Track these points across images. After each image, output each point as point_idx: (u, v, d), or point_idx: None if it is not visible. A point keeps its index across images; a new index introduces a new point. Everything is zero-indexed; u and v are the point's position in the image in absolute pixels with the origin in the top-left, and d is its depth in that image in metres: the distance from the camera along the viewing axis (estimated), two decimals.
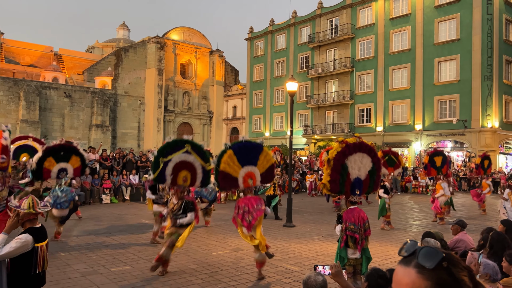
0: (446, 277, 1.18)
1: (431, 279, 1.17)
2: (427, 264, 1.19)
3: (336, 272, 2.86)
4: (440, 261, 1.19)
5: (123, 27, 60.15)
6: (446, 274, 1.18)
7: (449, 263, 1.20)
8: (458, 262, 1.22)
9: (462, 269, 1.21)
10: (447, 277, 1.18)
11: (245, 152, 6.89)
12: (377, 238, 10.04)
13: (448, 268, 1.19)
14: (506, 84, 28.90)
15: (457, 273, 1.19)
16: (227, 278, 6.96)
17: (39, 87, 38.39)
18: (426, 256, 1.20)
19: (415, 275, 1.19)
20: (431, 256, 1.20)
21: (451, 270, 1.19)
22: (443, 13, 29.53)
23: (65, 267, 7.32)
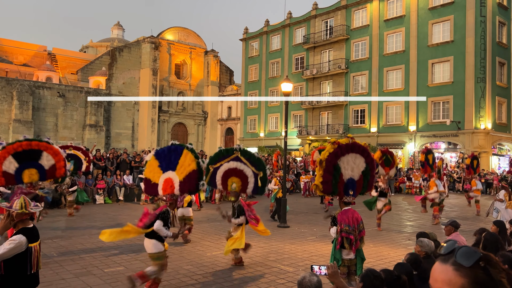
0: (484, 276, 1.21)
1: (468, 277, 1.20)
2: (464, 262, 1.22)
3: (333, 272, 2.86)
4: (478, 260, 1.22)
5: (117, 27, 59.88)
6: (483, 273, 1.21)
7: (487, 263, 1.23)
8: (497, 264, 1.25)
9: (500, 271, 1.23)
10: (484, 277, 1.21)
11: (166, 156, 6.41)
12: (371, 239, 10.07)
13: (486, 268, 1.22)
14: (499, 86, 29.14)
15: (495, 274, 1.22)
16: (221, 278, 6.95)
17: (33, 87, 38.12)
18: (464, 255, 1.24)
19: (452, 272, 1.23)
20: (469, 255, 1.23)
21: (488, 270, 1.22)
22: (437, 15, 29.73)
23: (58, 268, 7.27)
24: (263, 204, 17.83)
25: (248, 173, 7.75)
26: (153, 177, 6.41)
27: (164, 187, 6.29)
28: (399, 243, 10.14)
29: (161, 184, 6.32)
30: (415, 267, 4.20)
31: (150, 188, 6.53)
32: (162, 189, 6.32)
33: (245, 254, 8.01)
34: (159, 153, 6.49)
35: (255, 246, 9.45)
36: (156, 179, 6.38)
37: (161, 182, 6.32)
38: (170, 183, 6.27)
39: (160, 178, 6.34)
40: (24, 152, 7.66)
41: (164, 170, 6.35)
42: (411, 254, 4.62)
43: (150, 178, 6.46)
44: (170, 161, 6.33)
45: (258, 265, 7.79)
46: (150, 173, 6.46)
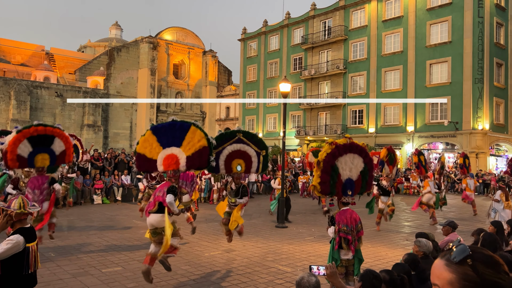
0: (472, 274, 1.23)
1: (457, 273, 1.24)
2: (453, 258, 1.27)
3: (331, 272, 2.86)
4: (465, 257, 1.25)
5: (115, 27, 59.82)
6: (471, 271, 1.23)
7: (478, 262, 1.24)
8: (493, 264, 1.25)
9: (497, 272, 1.24)
10: (472, 274, 1.22)
11: (167, 132, 6.18)
12: (369, 239, 10.07)
13: (474, 266, 1.23)
14: (497, 86, 29.22)
15: (489, 274, 1.23)
16: (219, 279, 6.94)
17: (30, 87, 38.04)
18: (456, 252, 1.28)
19: (443, 267, 1.28)
20: (459, 252, 1.27)
21: (477, 268, 1.23)
22: (435, 15, 29.79)
23: (55, 268, 7.25)
24: (262, 204, 17.82)
25: (252, 153, 7.90)
26: (150, 153, 6.18)
27: (167, 163, 6.11)
28: (397, 244, 10.15)
29: (161, 159, 6.13)
30: (413, 267, 4.20)
31: (145, 163, 6.27)
32: (163, 165, 6.14)
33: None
34: (158, 128, 6.22)
35: (253, 246, 9.45)
36: (154, 154, 6.17)
37: (161, 157, 6.13)
38: (174, 159, 6.08)
39: (160, 154, 6.14)
40: (39, 136, 7.74)
41: (164, 145, 6.13)
42: (409, 254, 4.62)
43: (146, 154, 6.20)
44: (174, 137, 6.10)
45: (256, 266, 7.79)
46: (145, 149, 6.20)
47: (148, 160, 6.21)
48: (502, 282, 1.22)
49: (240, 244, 9.57)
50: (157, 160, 6.14)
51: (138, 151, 6.28)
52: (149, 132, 6.23)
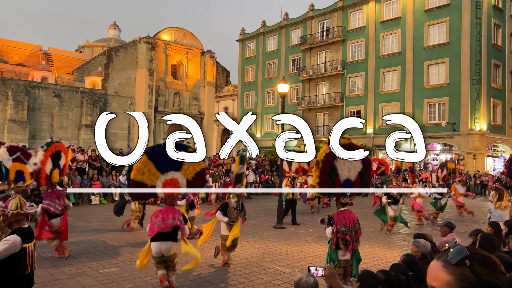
0: (470, 275, 1.22)
1: (454, 274, 1.23)
2: (451, 259, 1.26)
3: (330, 273, 2.87)
4: (463, 258, 1.24)
5: (113, 27, 59.74)
6: (469, 272, 1.22)
7: (476, 262, 1.24)
8: (490, 265, 1.25)
9: (494, 273, 1.23)
10: (470, 275, 1.22)
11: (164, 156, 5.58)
12: (367, 240, 10.08)
13: (472, 266, 1.23)
14: (494, 87, 29.30)
15: (486, 275, 1.22)
16: (217, 279, 6.93)
17: (28, 87, 37.94)
18: (453, 253, 1.27)
19: (440, 268, 1.27)
20: (456, 253, 1.26)
21: (475, 269, 1.22)
22: (433, 17, 29.86)
23: (52, 269, 7.22)
24: (260, 205, 17.81)
25: None
26: (149, 179, 5.88)
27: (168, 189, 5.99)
28: (395, 244, 10.16)
29: (159, 186, 5.92)
30: (411, 268, 4.21)
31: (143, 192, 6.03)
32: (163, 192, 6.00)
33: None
34: (156, 152, 5.91)
35: (251, 246, 9.44)
36: (153, 181, 5.90)
37: (160, 184, 5.91)
38: (174, 185, 5.96)
39: (159, 180, 5.91)
40: (56, 153, 8.14)
41: (164, 171, 5.91)
42: (406, 255, 4.63)
43: (144, 181, 5.86)
44: (174, 161, 5.74)
45: (253, 266, 7.78)
46: (142, 175, 5.84)
47: (147, 187, 5.94)
48: (498, 282, 1.22)
49: (238, 245, 9.56)
50: (156, 187, 5.92)
51: (134, 179, 5.81)
52: (145, 157, 5.79)
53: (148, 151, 5.86)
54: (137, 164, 5.68)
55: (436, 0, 29.83)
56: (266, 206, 16.89)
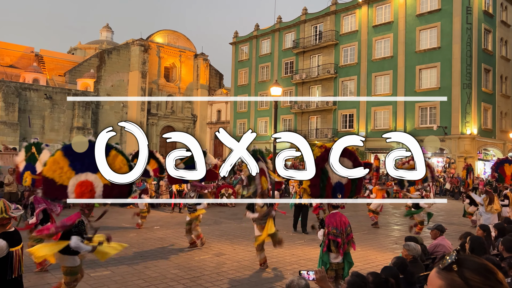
0: (459, 280, 1.22)
1: (445, 280, 1.24)
2: (440, 265, 1.28)
3: (321, 277, 2.87)
4: (451, 263, 1.25)
5: (106, 29, 59.52)
6: (458, 277, 1.23)
7: (465, 268, 1.24)
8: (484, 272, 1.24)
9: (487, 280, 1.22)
10: (460, 281, 1.22)
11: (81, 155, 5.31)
12: (358, 243, 10.09)
13: (461, 272, 1.23)
14: (485, 92, 29.62)
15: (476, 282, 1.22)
16: (209, 283, 6.91)
17: (19, 88, 37.62)
18: (446, 259, 1.29)
19: (434, 274, 1.29)
20: (446, 259, 1.28)
21: (464, 275, 1.23)
22: (425, 21, 30.16)
23: (42, 273, 7.16)
24: None
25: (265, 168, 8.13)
26: (60, 178, 5.27)
27: (80, 191, 5.30)
28: (387, 247, 10.21)
29: (72, 187, 5.29)
30: (401, 271, 4.23)
31: (53, 190, 5.34)
32: (75, 193, 5.31)
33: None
34: (71, 149, 5.32)
35: (243, 250, 9.44)
36: (65, 180, 5.29)
37: (73, 184, 5.30)
38: (89, 187, 5.32)
39: (72, 180, 5.29)
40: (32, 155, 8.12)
41: (78, 171, 5.30)
42: (397, 258, 4.66)
43: (55, 179, 5.25)
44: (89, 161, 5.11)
45: (246, 269, 7.78)
46: (54, 173, 5.25)
47: (57, 187, 5.30)
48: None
49: (230, 248, 9.56)
50: (68, 187, 5.29)
51: (46, 175, 5.26)
52: (60, 153, 5.32)
53: (64, 147, 5.41)
54: (50, 159, 5.32)
55: (428, 5, 30.14)
56: None
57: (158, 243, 9.90)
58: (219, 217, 14.78)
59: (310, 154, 3.97)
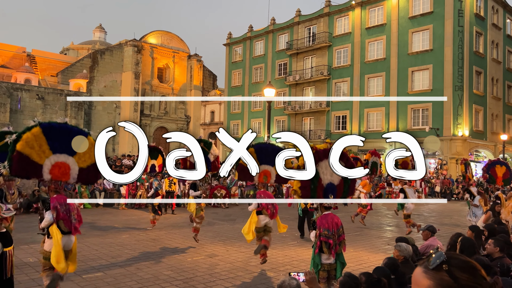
0: (448, 279, 1.23)
1: (433, 279, 1.24)
2: (429, 264, 1.27)
3: (311, 278, 2.89)
4: (441, 263, 1.25)
5: (99, 29, 59.24)
6: (447, 276, 1.23)
7: (454, 267, 1.25)
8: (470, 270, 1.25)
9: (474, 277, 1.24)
10: (449, 280, 1.22)
11: (60, 136, 5.31)
12: (351, 243, 10.16)
13: (450, 271, 1.23)
14: (476, 94, 29.91)
15: (465, 280, 1.23)
16: (202, 284, 6.91)
17: (10, 89, 37.30)
18: (433, 258, 1.28)
19: (421, 274, 1.29)
20: (435, 258, 1.27)
21: (453, 274, 1.23)
22: (417, 24, 30.39)
23: (34, 274, 7.10)
24: (245, 209, 17.80)
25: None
26: (37, 156, 5.16)
27: (57, 172, 5.31)
28: (379, 248, 10.26)
29: (48, 166, 5.24)
30: (393, 271, 4.27)
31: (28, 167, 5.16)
32: (51, 173, 5.27)
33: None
34: (51, 128, 5.25)
35: (236, 251, 9.44)
36: (42, 159, 5.20)
37: (49, 164, 5.25)
38: (64, 169, 5.33)
39: (48, 160, 5.23)
40: None
41: (56, 151, 5.27)
42: (389, 258, 4.69)
43: (32, 156, 5.11)
44: (68, 144, 5.27)
45: (239, 270, 7.78)
46: (31, 149, 5.11)
47: (33, 164, 5.17)
48: (478, 287, 1.23)
49: (223, 249, 9.57)
50: (43, 166, 5.24)
51: (21, 151, 5.04)
52: (39, 130, 5.20)
53: (44, 125, 5.32)
54: (27, 135, 5.15)
55: (420, 8, 30.39)
56: None
57: (151, 244, 9.87)
58: (212, 218, 14.76)
59: (311, 155, 4.00)
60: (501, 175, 14.69)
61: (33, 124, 5.23)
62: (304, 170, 4.28)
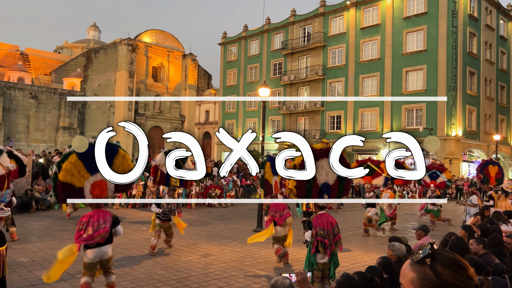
0: (430, 274, 1.25)
1: (417, 272, 1.28)
2: (414, 257, 1.32)
3: (302, 279, 2.90)
4: (424, 257, 1.28)
5: (93, 28, 58.93)
6: (430, 271, 1.26)
7: (438, 262, 1.27)
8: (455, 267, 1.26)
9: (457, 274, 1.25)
10: (431, 274, 1.25)
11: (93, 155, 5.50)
12: (345, 243, 10.16)
13: (433, 266, 1.26)
14: (469, 94, 30.10)
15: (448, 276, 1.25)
16: (196, 284, 6.90)
17: (3, 87, 37.01)
18: (420, 252, 1.32)
19: (407, 266, 1.33)
20: (422, 252, 1.31)
21: (435, 269, 1.26)
22: (411, 24, 30.53)
23: (26, 274, 7.06)
24: (240, 209, 17.80)
25: None
26: (79, 181, 5.51)
27: (96, 191, 5.66)
28: (373, 247, 10.31)
29: (88, 188, 5.59)
30: (386, 271, 4.29)
31: (72, 194, 5.56)
32: (92, 193, 5.65)
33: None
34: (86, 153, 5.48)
35: (231, 250, 9.44)
36: (82, 182, 5.55)
37: (89, 185, 5.59)
38: (102, 186, 5.66)
39: (87, 182, 5.57)
40: None
41: (92, 172, 5.53)
42: (382, 258, 4.71)
43: (73, 183, 5.48)
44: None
45: (233, 270, 7.78)
46: (72, 177, 5.46)
47: (75, 189, 5.53)
48: (461, 285, 1.24)
49: (218, 249, 9.56)
50: (84, 189, 5.57)
51: (64, 180, 5.40)
52: (75, 157, 5.49)
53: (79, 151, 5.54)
54: (66, 164, 5.43)
55: (415, 8, 30.53)
56: (247, 210, 16.91)
57: (145, 244, 9.83)
58: (207, 218, 14.75)
59: (311, 155, 4.03)
60: (494, 174, 14.82)
61: (69, 151, 5.54)
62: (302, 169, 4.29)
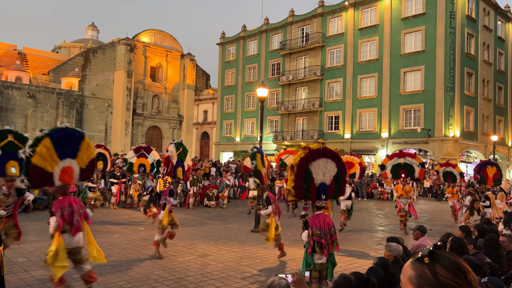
0: (428, 273, 1.27)
1: (416, 270, 1.30)
2: (414, 256, 1.34)
3: (298, 279, 2.90)
4: (423, 256, 1.30)
5: (91, 28, 58.81)
6: (428, 270, 1.27)
7: (437, 263, 1.28)
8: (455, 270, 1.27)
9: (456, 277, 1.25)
10: (428, 273, 1.27)
11: (65, 142, 5.60)
12: (342, 243, 10.19)
13: (431, 266, 1.27)
14: (467, 95, 30.17)
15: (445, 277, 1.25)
16: (193, 284, 6.89)
17: (1, 87, 36.92)
18: (422, 251, 1.34)
19: (408, 264, 1.35)
20: (423, 252, 1.33)
21: (433, 269, 1.27)
22: (409, 25, 30.59)
23: (23, 274, 7.04)
24: (238, 209, 17.78)
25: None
26: (49, 166, 5.43)
27: (65, 177, 5.61)
28: (370, 248, 10.31)
29: (57, 173, 5.52)
30: (383, 271, 4.29)
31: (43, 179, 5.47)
32: (60, 179, 5.57)
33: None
34: (59, 137, 5.48)
35: (228, 250, 9.43)
36: (52, 168, 5.47)
37: (58, 171, 5.53)
38: (70, 172, 5.66)
39: (57, 167, 5.52)
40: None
41: (62, 157, 5.55)
42: (379, 258, 4.72)
43: (45, 167, 5.38)
44: (72, 148, 5.65)
45: (230, 270, 7.77)
46: (45, 161, 5.37)
47: (47, 174, 5.45)
48: (453, 284, 1.24)
49: (215, 249, 9.55)
50: (54, 174, 5.51)
51: (37, 164, 5.30)
52: (49, 140, 5.42)
53: (53, 135, 5.48)
54: (41, 148, 5.37)
55: (413, 9, 30.58)
56: (244, 210, 16.90)
57: (142, 244, 9.82)
58: (204, 218, 14.74)
59: None
60: (492, 175, 14.84)
61: (42, 134, 5.44)
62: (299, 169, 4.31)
